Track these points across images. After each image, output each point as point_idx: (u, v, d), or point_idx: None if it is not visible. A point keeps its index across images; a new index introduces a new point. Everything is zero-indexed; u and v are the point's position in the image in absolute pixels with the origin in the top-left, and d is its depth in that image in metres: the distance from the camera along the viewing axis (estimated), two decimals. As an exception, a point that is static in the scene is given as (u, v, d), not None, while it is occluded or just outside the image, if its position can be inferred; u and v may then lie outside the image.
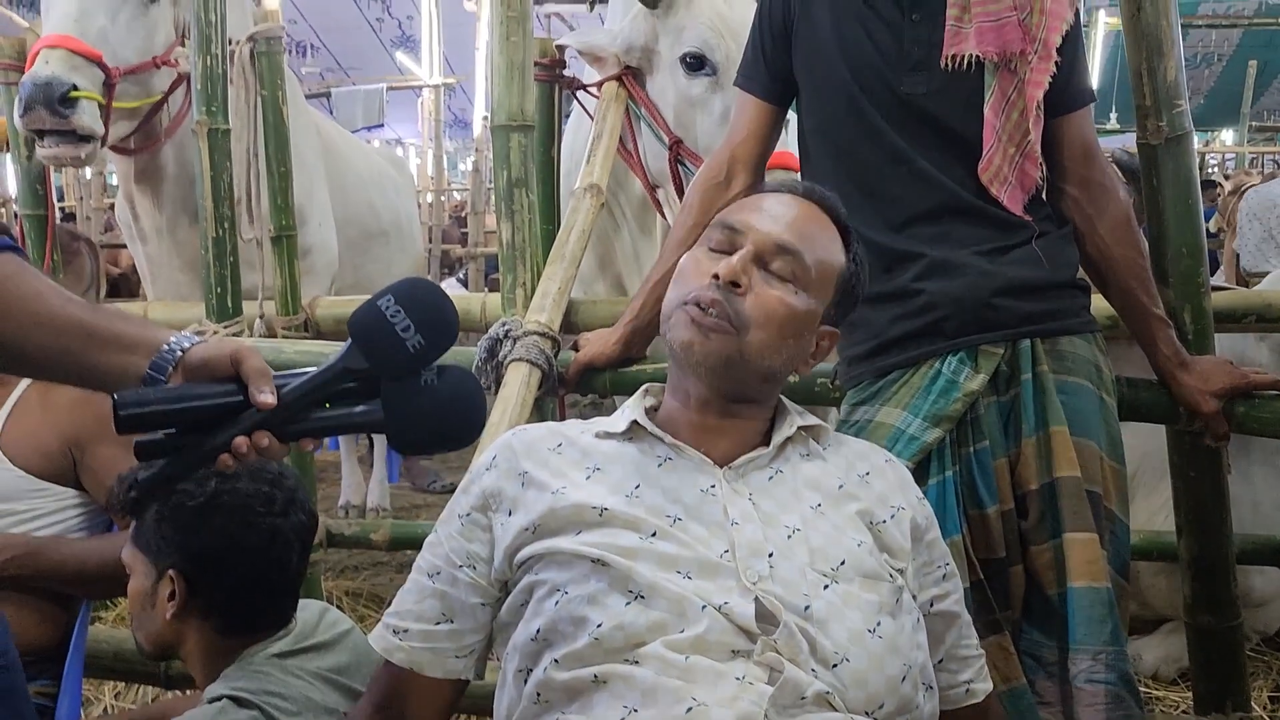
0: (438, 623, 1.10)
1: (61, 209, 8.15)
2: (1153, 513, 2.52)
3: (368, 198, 3.72)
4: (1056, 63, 1.49)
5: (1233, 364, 1.61)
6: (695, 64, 2.12)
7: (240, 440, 0.94)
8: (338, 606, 2.90)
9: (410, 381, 0.95)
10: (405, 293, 0.95)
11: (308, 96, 7.72)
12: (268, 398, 0.93)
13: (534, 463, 1.12)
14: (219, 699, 1.27)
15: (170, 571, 1.35)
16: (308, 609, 1.46)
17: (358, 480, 4.29)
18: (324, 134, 3.44)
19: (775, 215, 1.16)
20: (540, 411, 1.82)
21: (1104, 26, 9.37)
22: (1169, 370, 1.59)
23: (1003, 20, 1.48)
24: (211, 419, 0.94)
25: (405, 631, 1.11)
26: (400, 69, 12.22)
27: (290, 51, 13.70)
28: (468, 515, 1.12)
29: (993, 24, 1.48)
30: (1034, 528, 1.44)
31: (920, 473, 1.42)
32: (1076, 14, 1.54)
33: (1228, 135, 14.50)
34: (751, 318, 1.09)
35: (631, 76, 2.25)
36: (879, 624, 1.02)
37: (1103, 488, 1.45)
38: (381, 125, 8.78)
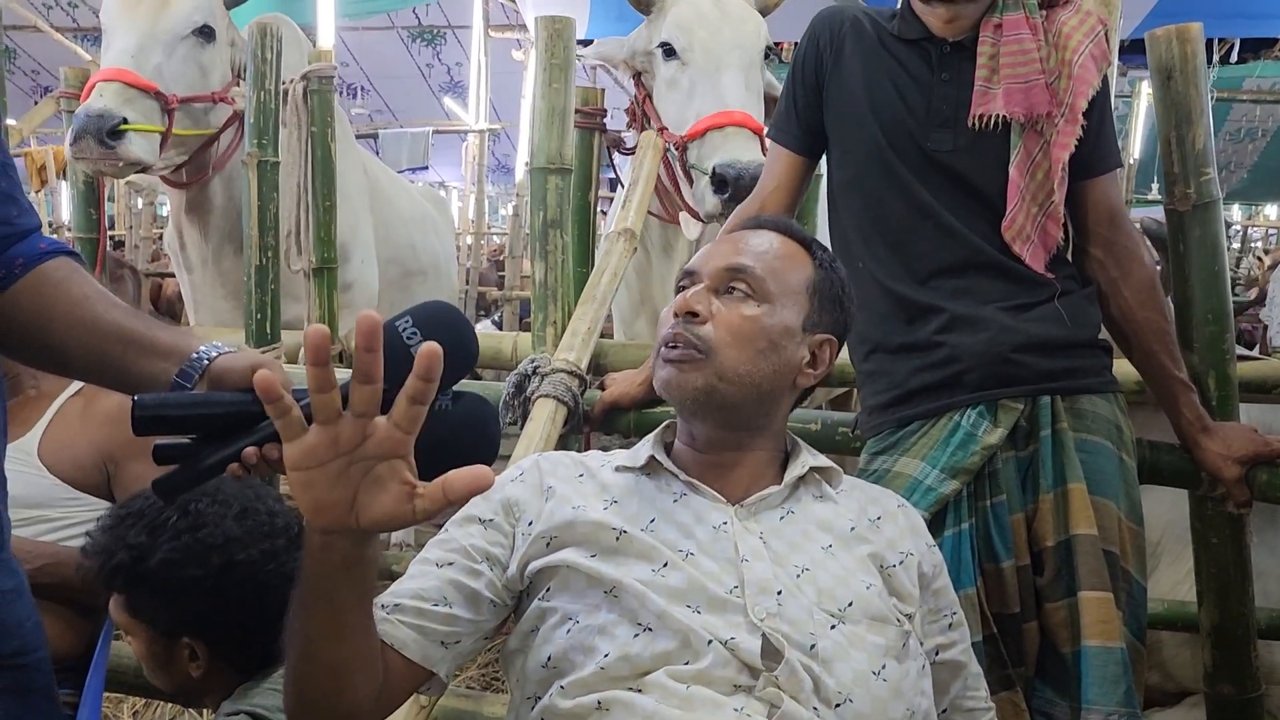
0: (436, 604, 1.06)
1: (111, 237, 8.38)
2: (1176, 582, 2.47)
3: (409, 237, 3.79)
4: (1083, 126, 1.52)
5: (1257, 431, 1.61)
6: (669, 51, 2.28)
7: (250, 451, 0.94)
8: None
9: None
10: (423, 315, 0.95)
11: (356, 137, 7.90)
12: None
13: (559, 480, 1.15)
14: (237, 714, 1.28)
15: (186, 639, 1.35)
16: None
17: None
18: (370, 173, 3.52)
19: (725, 248, 1.20)
20: (565, 449, 1.85)
21: (1146, 97, 9.37)
22: (1191, 434, 1.59)
23: (1030, 83, 1.51)
24: (227, 427, 0.96)
25: (397, 607, 1.05)
26: (447, 114, 12.45)
27: (341, 93, 13.99)
28: (490, 520, 1.13)
29: (1020, 86, 1.51)
30: (1049, 585, 1.44)
31: (937, 524, 1.44)
32: (1105, 80, 1.57)
33: (1271, 210, 14.39)
34: (715, 339, 1.12)
35: (641, 84, 2.42)
36: (884, 666, 1.03)
37: (1120, 548, 1.45)
38: (426, 167, 8.94)
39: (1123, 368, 1.62)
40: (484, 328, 6.42)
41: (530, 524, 1.12)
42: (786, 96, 1.69)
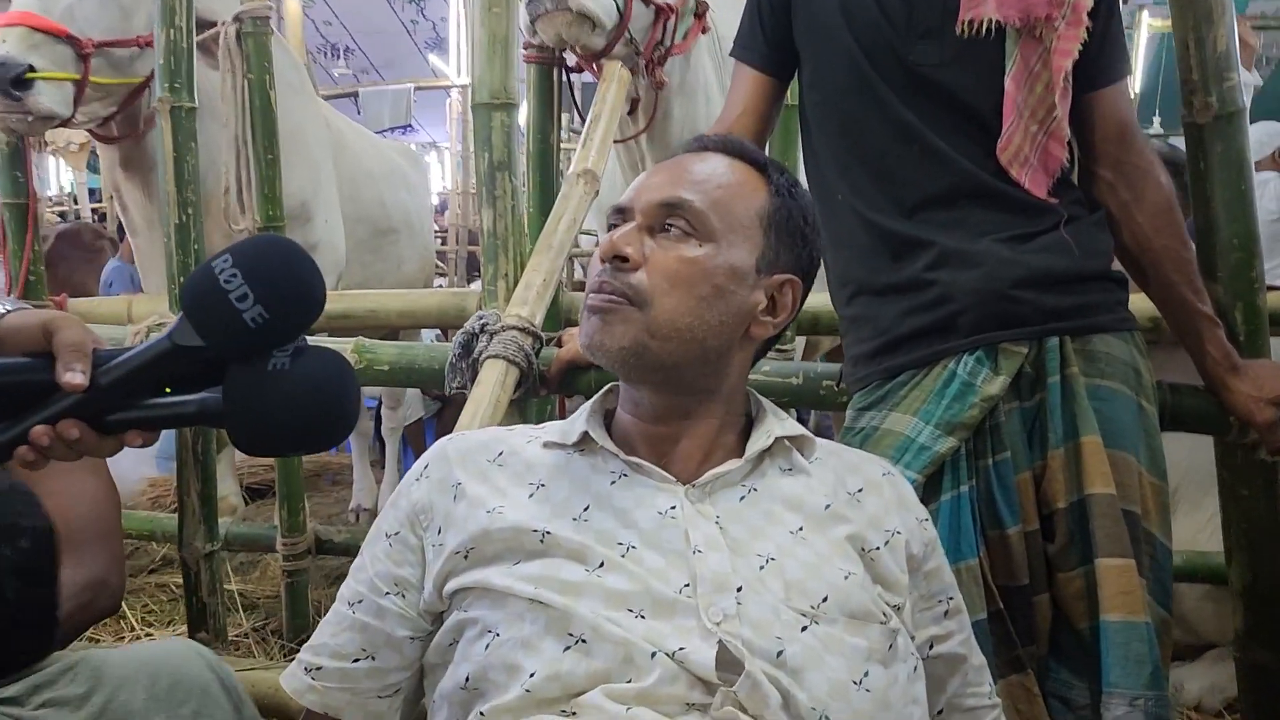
0: (356, 660, 0.95)
1: (95, 209, 8.20)
2: (1196, 530, 2.34)
3: (379, 194, 3.63)
4: (1088, 29, 1.33)
5: (1291, 369, 1.44)
6: None
7: (40, 430, 0.78)
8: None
9: (256, 364, 0.78)
10: (247, 253, 0.77)
11: (335, 96, 7.68)
12: (75, 377, 0.77)
13: (470, 474, 0.97)
14: None
15: None
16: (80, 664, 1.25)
17: (370, 483, 4.20)
18: (333, 127, 3.34)
19: (661, 178, 1.00)
20: (522, 414, 1.68)
21: (1147, 28, 9.09)
22: (1218, 375, 1.42)
23: None
24: (13, 401, 0.79)
25: (319, 670, 0.96)
26: (435, 71, 12.19)
27: (325, 53, 13.75)
28: (395, 534, 0.97)
29: None
30: (1062, 552, 1.28)
31: (933, 488, 1.28)
32: None
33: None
34: (651, 287, 0.93)
35: None
36: (866, 674, 0.86)
37: (1141, 506, 1.29)
38: (409, 126, 8.72)
39: (1135, 302, 1.45)
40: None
41: (440, 533, 0.95)
42: (750, 10, 1.50)
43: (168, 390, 0.80)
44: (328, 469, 4.83)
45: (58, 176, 10.30)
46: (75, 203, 8.78)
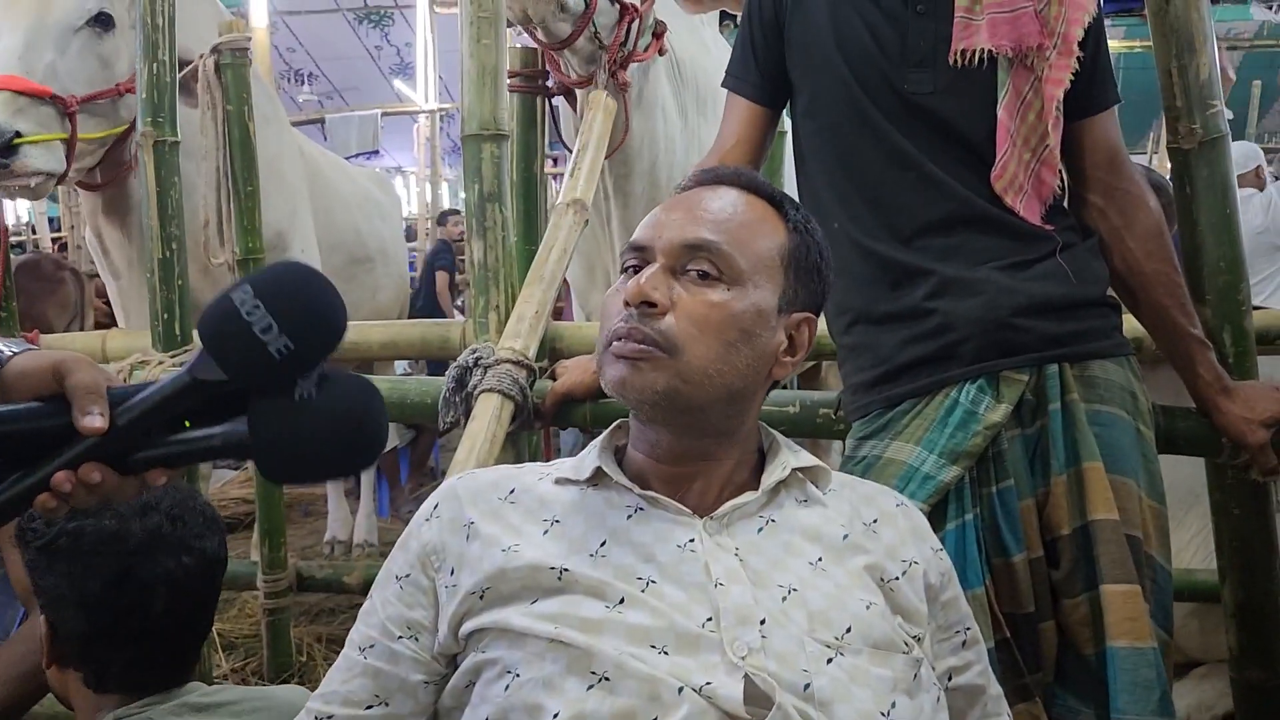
0: (369, 706, 0.93)
1: (55, 238, 8.04)
2: (1180, 548, 2.34)
3: (353, 223, 3.60)
4: (1079, 59, 1.35)
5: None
6: None
7: (61, 476, 0.74)
8: (309, 654, 2.74)
9: (280, 395, 0.75)
10: (267, 282, 0.74)
11: (300, 122, 7.63)
12: (94, 420, 0.73)
13: (482, 513, 0.96)
14: None
15: (41, 614, 1.23)
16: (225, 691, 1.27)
17: (344, 515, 4.15)
18: (308, 156, 3.32)
19: (681, 216, 0.98)
20: (515, 448, 1.66)
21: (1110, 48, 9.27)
22: (1210, 397, 1.43)
23: (1018, 11, 1.33)
24: (30, 448, 0.75)
25: (330, 718, 0.94)
26: (399, 96, 12.15)
27: (289, 79, 13.69)
28: (406, 576, 0.96)
29: (1007, 15, 1.33)
30: (1066, 578, 1.28)
31: (937, 517, 1.27)
32: (1099, 6, 1.40)
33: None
34: (681, 334, 0.92)
35: None
36: (894, 705, 0.85)
37: (1143, 530, 1.29)
38: (376, 151, 8.67)
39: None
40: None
41: (453, 573, 0.93)
42: (743, 40, 1.50)
43: (187, 424, 0.78)
44: (301, 500, 4.76)
45: (14, 206, 10.13)
46: (34, 233, 8.63)
